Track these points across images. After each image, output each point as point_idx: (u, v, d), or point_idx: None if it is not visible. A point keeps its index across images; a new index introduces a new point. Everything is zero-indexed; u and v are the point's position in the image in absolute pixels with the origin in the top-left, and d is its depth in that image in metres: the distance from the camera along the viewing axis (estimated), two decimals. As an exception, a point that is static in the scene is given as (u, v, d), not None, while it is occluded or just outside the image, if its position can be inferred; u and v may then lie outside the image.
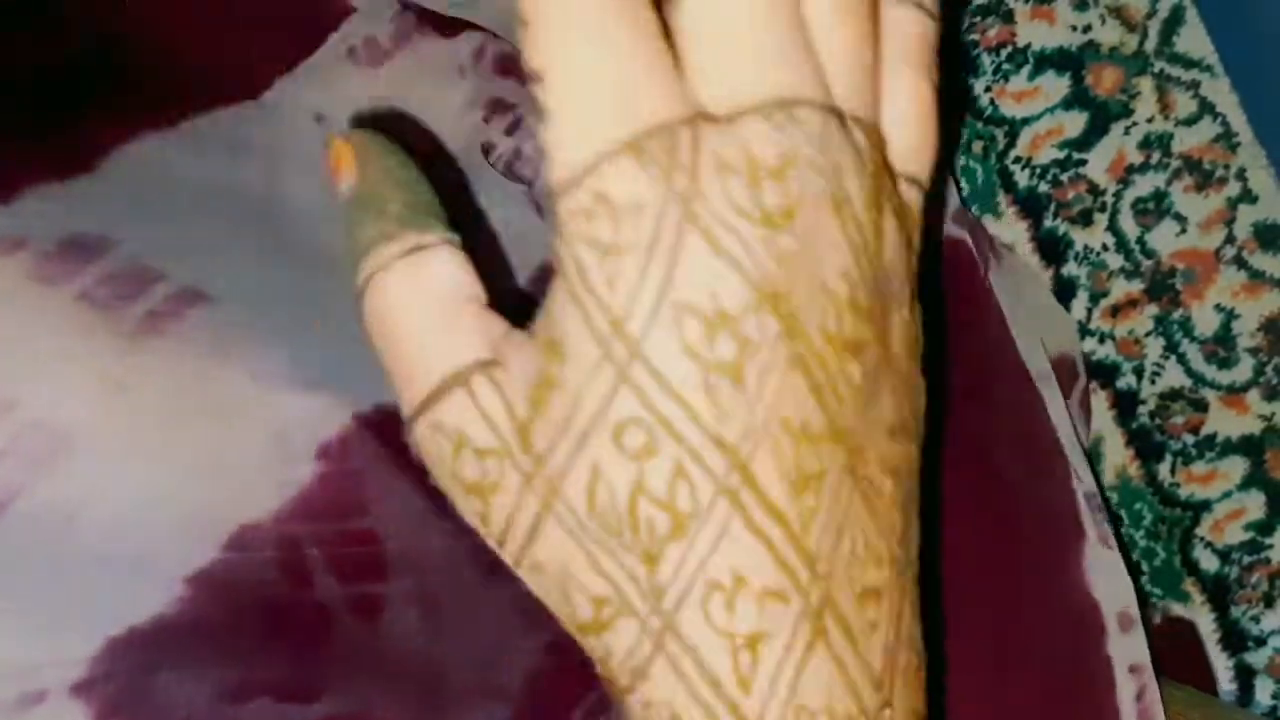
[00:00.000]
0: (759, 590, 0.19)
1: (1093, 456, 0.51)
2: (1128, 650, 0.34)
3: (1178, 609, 0.52)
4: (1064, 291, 0.50)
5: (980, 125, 0.48)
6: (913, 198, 0.22)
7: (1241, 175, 0.49)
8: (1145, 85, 0.48)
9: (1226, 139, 0.48)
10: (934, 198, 0.23)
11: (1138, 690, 0.33)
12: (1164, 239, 0.49)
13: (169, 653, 0.25)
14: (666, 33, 0.19)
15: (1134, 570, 0.36)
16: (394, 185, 0.21)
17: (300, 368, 0.29)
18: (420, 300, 0.21)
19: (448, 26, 0.39)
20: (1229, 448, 0.51)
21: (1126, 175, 0.49)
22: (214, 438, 0.28)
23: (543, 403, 0.19)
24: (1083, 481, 0.37)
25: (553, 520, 0.19)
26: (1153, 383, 0.51)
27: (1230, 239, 0.49)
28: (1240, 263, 0.49)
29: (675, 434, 0.18)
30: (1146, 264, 0.50)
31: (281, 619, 0.27)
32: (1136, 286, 0.50)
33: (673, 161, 0.18)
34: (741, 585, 0.19)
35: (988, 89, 0.48)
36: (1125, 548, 0.50)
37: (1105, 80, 0.48)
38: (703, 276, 0.18)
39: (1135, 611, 0.35)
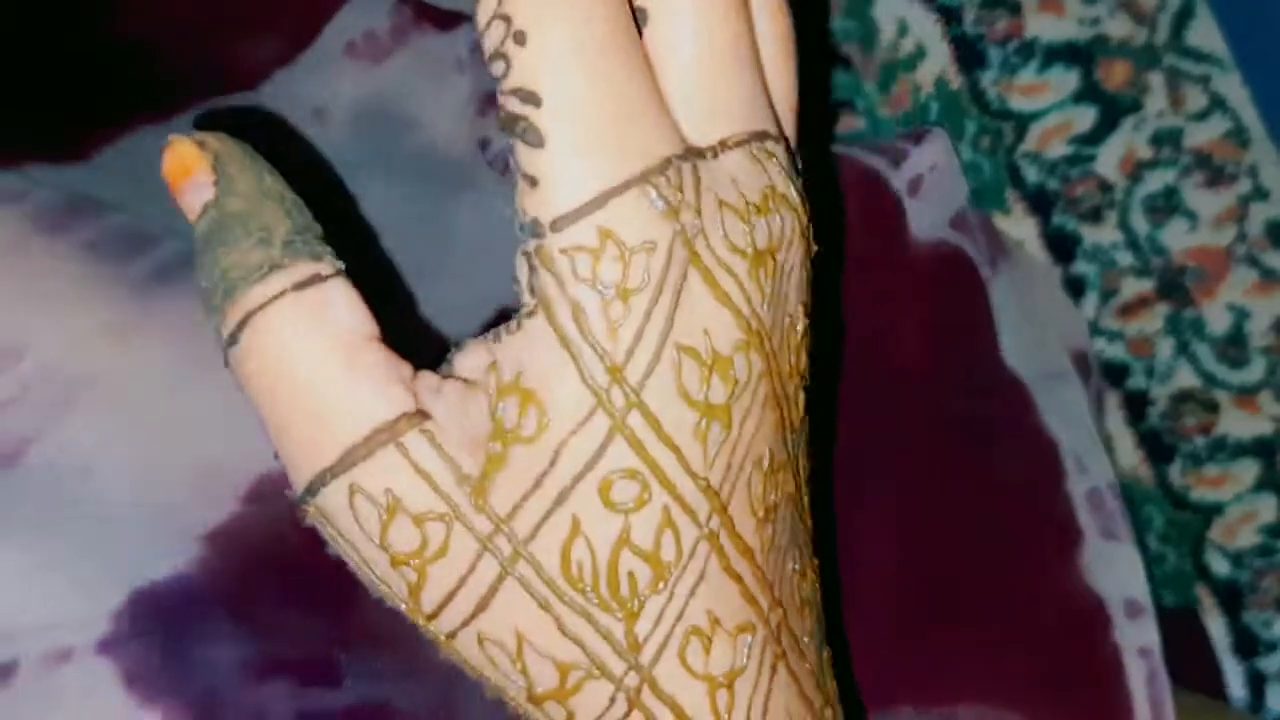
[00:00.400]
0: (733, 628, 0.19)
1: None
2: (1136, 635, 0.34)
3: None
4: (1074, 290, 0.50)
5: (988, 120, 0.48)
6: None
7: (1253, 172, 0.48)
8: (1155, 80, 0.47)
9: (1237, 134, 0.48)
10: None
11: (1148, 673, 0.33)
12: (1175, 236, 0.49)
13: (192, 615, 0.25)
14: None
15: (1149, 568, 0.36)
16: (275, 204, 0.18)
17: None
18: (321, 342, 0.18)
19: (445, 20, 0.39)
20: (1241, 450, 0.50)
21: (1137, 171, 0.48)
22: (229, 387, 0.28)
23: (502, 459, 0.18)
24: (1088, 475, 0.37)
25: (512, 585, 0.18)
26: (1163, 383, 0.50)
27: (1242, 236, 0.49)
28: (1252, 261, 0.49)
29: (667, 483, 0.18)
30: (1157, 262, 0.49)
31: (303, 583, 0.26)
32: (1147, 285, 0.49)
33: (680, 199, 0.17)
34: (717, 626, 0.18)
35: (995, 83, 0.47)
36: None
37: (1115, 74, 0.47)
38: (701, 318, 0.17)
39: (1145, 598, 0.34)
